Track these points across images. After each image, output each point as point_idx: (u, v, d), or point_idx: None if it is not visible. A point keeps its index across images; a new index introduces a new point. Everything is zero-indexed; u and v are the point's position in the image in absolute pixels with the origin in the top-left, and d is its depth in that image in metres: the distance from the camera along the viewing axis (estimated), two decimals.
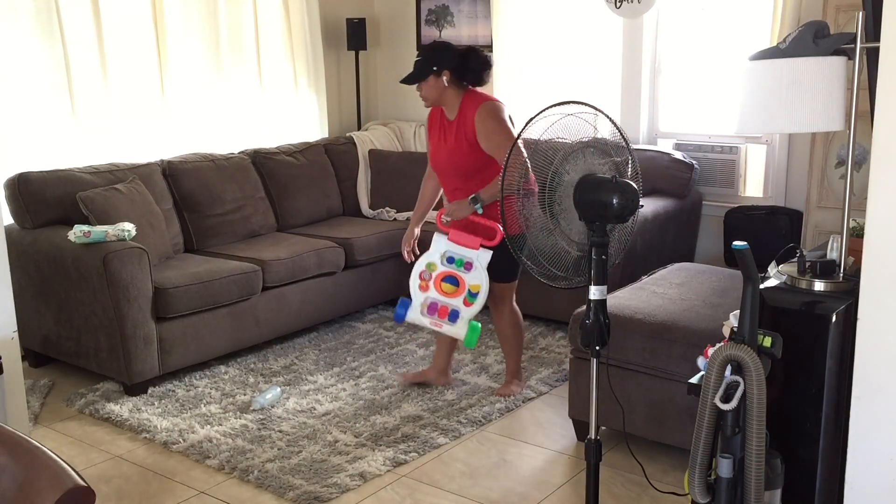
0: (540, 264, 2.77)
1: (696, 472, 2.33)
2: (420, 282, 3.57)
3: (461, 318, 3.54)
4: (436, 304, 3.54)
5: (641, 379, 3.31)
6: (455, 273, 3.53)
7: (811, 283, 2.57)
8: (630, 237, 2.77)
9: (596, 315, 2.60)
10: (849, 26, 3.88)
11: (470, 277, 3.53)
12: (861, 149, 3.80)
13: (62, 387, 4.19)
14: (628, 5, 5.10)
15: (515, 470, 3.36)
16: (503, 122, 3.65)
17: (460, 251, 3.55)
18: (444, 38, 6.10)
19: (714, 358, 2.28)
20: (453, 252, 3.55)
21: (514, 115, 5.67)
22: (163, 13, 5.00)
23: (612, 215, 2.53)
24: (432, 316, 3.54)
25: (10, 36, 4.45)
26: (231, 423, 3.73)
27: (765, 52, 2.61)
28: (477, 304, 3.54)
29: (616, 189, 2.52)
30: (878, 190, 2.25)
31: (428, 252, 3.60)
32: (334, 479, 3.25)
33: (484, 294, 3.55)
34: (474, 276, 3.53)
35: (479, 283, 3.53)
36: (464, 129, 3.67)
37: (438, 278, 3.54)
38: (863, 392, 2.36)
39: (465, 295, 3.54)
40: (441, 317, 3.54)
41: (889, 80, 2.20)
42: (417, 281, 3.58)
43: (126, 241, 4.03)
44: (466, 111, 3.67)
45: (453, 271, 3.54)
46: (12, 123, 4.51)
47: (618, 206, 2.51)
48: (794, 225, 4.76)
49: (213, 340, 4.29)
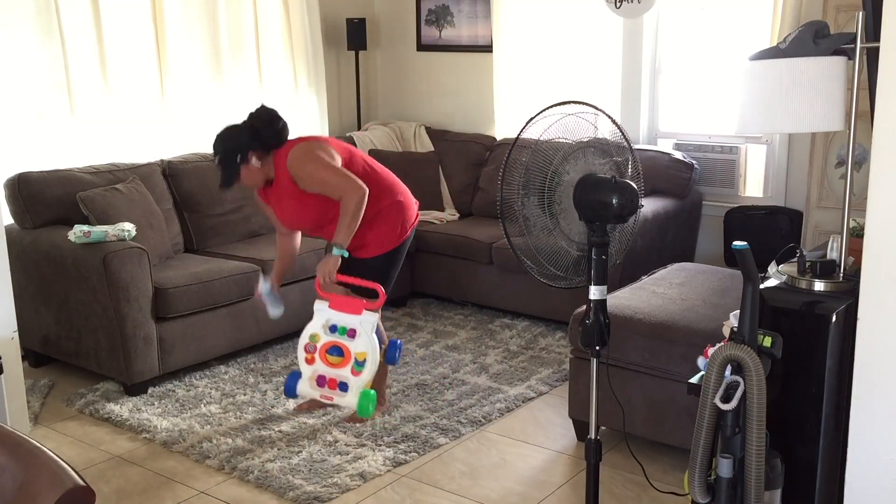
0: (539, 264, 2.77)
1: (696, 472, 2.33)
2: (306, 354, 3.38)
3: (351, 389, 3.32)
4: (324, 376, 3.36)
5: (641, 379, 3.31)
6: (339, 343, 3.34)
7: (811, 283, 2.57)
8: (631, 237, 2.77)
9: (596, 315, 2.60)
10: (849, 26, 3.88)
11: (355, 345, 3.32)
12: (861, 149, 3.80)
13: (62, 387, 4.18)
14: (628, 5, 5.10)
15: (515, 470, 3.36)
16: (316, 160, 3.41)
17: (343, 318, 3.35)
18: (443, 38, 6.11)
19: (714, 358, 2.28)
20: (335, 320, 3.36)
21: (514, 116, 5.73)
22: (163, 13, 5.00)
23: (612, 215, 2.53)
24: (322, 388, 3.36)
25: (10, 36, 4.45)
26: (231, 423, 3.73)
27: (765, 52, 2.61)
28: (366, 373, 3.32)
29: (616, 189, 2.52)
30: (878, 190, 2.26)
31: (311, 323, 3.40)
32: (334, 479, 3.25)
33: (372, 361, 3.32)
34: (360, 344, 3.32)
35: (366, 350, 3.32)
36: (285, 185, 3.47)
37: (323, 349, 3.35)
38: (863, 392, 2.36)
39: (352, 364, 3.33)
40: (331, 388, 3.36)
41: (889, 80, 2.20)
42: (303, 354, 3.38)
43: (126, 241, 4.03)
44: (279, 168, 3.46)
45: (337, 341, 3.34)
46: (12, 123, 4.51)
47: (617, 205, 2.51)
48: (794, 225, 4.77)
49: (213, 340, 4.29)
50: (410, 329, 4.89)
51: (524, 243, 2.80)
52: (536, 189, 2.70)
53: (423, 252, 5.28)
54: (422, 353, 4.53)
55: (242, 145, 3.42)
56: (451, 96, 6.16)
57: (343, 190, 3.37)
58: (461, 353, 4.51)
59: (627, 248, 2.79)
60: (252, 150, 3.42)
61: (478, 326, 4.91)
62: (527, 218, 2.78)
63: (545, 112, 2.76)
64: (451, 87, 6.16)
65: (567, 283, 2.78)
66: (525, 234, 2.78)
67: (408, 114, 6.36)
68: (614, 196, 2.51)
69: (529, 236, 2.79)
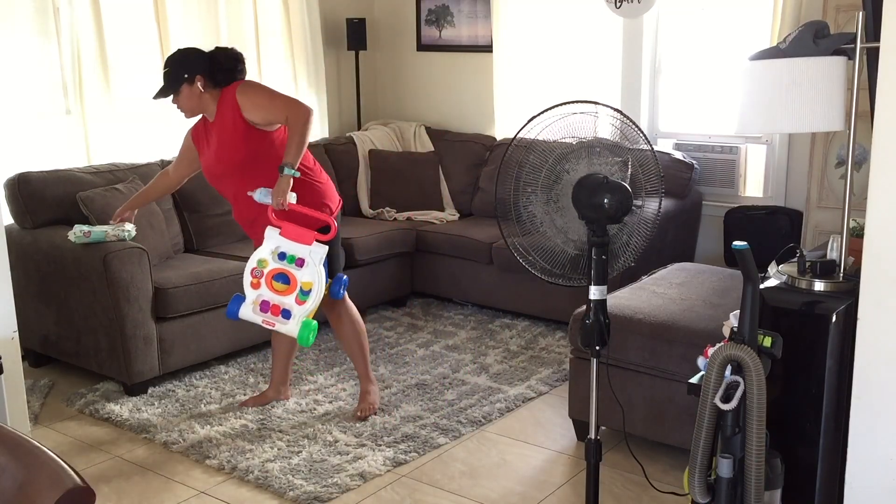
0: (537, 261, 2.77)
1: (696, 472, 2.33)
2: (252, 279, 3.38)
3: (294, 317, 3.35)
4: (268, 302, 3.38)
5: (641, 379, 3.31)
6: (286, 270, 3.35)
7: (811, 283, 2.57)
8: (646, 241, 2.75)
9: (596, 315, 2.60)
10: (849, 26, 3.88)
11: (301, 274, 3.35)
12: (861, 149, 3.80)
13: (62, 387, 4.18)
14: (628, 5, 5.10)
15: (515, 470, 3.36)
16: (264, 87, 3.53)
17: (292, 247, 3.36)
18: (443, 38, 6.11)
19: (714, 358, 2.28)
20: (285, 248, 3.36)
21: (514, 116, 5.73)
22: (164, 13, 5.00)
23: (605, 216, 2.53)
24: (265, 314, 3.38)
25: (9, 36, 4.45)
26: (231, 423, 3.73)
27: (765, 52, 2.61)
28: (310, 302, 3.34)
29: (607, 189, 2.52)
30: (878, 190, 2.26)
31: (260, 248, 3.41)
32: (334, 479, 3.25)
33: (317, 292, 3.35)
34: (306, 273, 3.35)
35: (312, 280, 3.34)
36: (228, 118, 3.47)
37: (269, 276, 3.36)
38: (863, 392, 2.36)
39: (297, 293, 3.35)
40: (273, 314, 3.38)
41: (889, 80, 2.20)
42: (249, 278, 3.38)
43: (126, 241, 4.03)
44: (225, 102, 3.48)
45: (284, 268, 3.36)
46: (12, 123, 4.51)
47: (609, 206, 2.51)
48: (794, 225, 4.76)
49: (213, 340, 4.29)
50: (410, 329, 4.90)
51: (523, 242, 2.80)
52: (542, 187, 2.70)
53: (423, 252, 5.28)
54: (422, 353, 4.53)
55: (195, 66, 3.46)
56: (451, 96, 6.16)
57: (290, 108, 3.41)
58: (461, 353, 4.51)
59: (643, 249, 2.77)
60: (202, 75, 3.46)
61: (478, 326, 4.91)
62: (533, 215, 2.77)
63: (553, 111, 2.75)
64: (451, 87, 6.16)
65: (567, 281, 2.79)
66: (530, 233, 2.78)
67: (408, 114, 6.36)
68: (606, 196, 2.51)
69: (536, 234, 2.79)
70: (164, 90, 3.49)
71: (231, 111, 3.46)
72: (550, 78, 5.61)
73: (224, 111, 3.48)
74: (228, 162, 3.51)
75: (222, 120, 3.49)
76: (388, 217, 5.52)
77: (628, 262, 2.76)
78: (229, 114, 3.47)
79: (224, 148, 3.50)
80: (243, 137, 3.46)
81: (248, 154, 3.47)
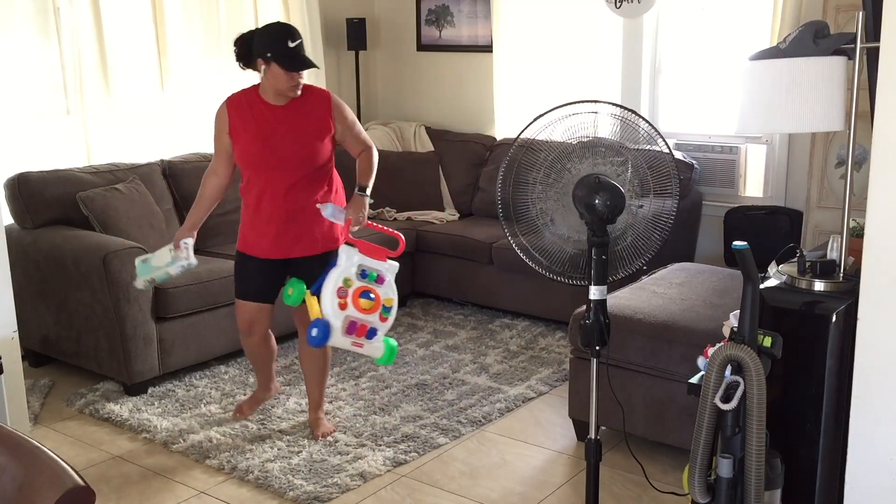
0: (536, 259, 2.78)
1: (696, 472, 2.33)
2: (338, 299, 3.25)
3: (378, 336, 3.32)
4: (355, 322, 3.29)
5: (641, 379, 3.31)
6: (370, 287, 3.30)
7: (811, 283, 2.57)
8: (658, 243, 2.75)
9: (596, 315, 2.60)
10: (849, 26, 3.88)
11: (383, 291, 3.33)
12: (861, 149, 3.80)
13: (62, 387, 4.18)
14: (628, 5, 5.10)
15: (515, 470, 3.36)
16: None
17: (372, 264, 3.33)
18: (443, 38, 6.11)
19: (714, 358, 2.28)
20: (366, 265, 3.32)
21: (514, 116, 5.73)
22: (163, 13, 5.00)
23: (598, 217, 2.53)
24: (351, 335, 3.30)
25: (10, 36, 4.45)
26: (231, 423, 3.72)
27: (765, 52, 2.61)
28: (391, 320, 3.35)
29: (598, 189, 2.52)
30: (878, 190, 2.26)
31: (340, 267, 3.29)
32: (334, 479, 3.25)
33: (395, 308, 3.36)
34: (387, 290, 3.34)
35: (392, 296, 3.35)
36: (315, 115, 3.40)
37: (356, 294, 3.28)
38: (863, 392, 2.36)
39: (381, 310, 3.32)
40: (360, 335, 3.31)
41: (889, 80, 2.20)
42: (335, 299, 3.24)
43: (126, 241, 4.03)
44: (312, 96, 3.41)
45: (368, 286, 3.30)
46: (12, 123, 4.51)
47: (601, 206, 2.51)
48: (794, 225, 4.76)
49: (213, 340, 4.29)
50: (410, 329, 4.89)
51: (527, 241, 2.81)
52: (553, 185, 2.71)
53: (423, 252, 5.28)
54: (422, 353, 4.53)
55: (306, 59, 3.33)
56: (451, 96, 6.16)
57: (369, 141, 3.59)
58: (461, 353, 4.51)
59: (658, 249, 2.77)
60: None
61: (478, 326, 4.91)
62: (543, 211, 2.77)
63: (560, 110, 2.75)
64: (451, 87, 6.16)
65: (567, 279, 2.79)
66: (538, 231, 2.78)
67: (408, 114, 6.36)
68: (597, 197, 2.51)
69: (546, 230, 2.79)
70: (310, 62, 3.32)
71: (322, 111, 3.42)
72: (550, 78, 5.61)
73: (311, 106, 3.40)
74: (307, 157, 3.39)
75: (308, 113, 3.39)
76: (389, 217, 5.52)
77: (640, 263, 2.76)
78: (318, 113, 3.41)
79: (305, 143, 3.38)
80: (330, 140, 3.47)
81: (324, 154, 3.44)
